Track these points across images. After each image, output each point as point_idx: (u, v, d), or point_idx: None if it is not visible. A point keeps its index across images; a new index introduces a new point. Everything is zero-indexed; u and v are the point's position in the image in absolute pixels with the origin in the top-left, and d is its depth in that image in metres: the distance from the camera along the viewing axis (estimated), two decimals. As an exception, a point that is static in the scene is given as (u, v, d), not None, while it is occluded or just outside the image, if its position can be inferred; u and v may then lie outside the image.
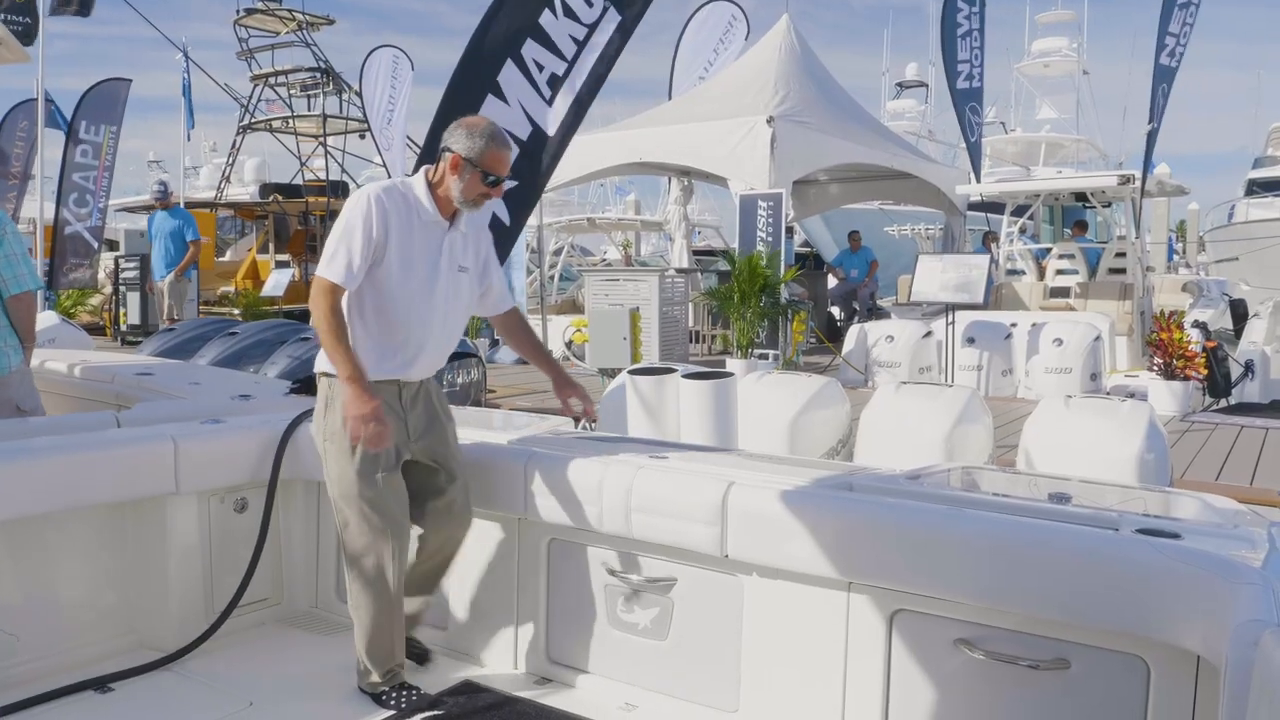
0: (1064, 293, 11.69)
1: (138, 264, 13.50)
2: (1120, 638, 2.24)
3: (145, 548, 3.28)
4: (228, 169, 22.88)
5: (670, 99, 15.46)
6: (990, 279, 10.09)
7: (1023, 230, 13.44)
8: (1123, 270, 11.65)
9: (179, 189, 21.27)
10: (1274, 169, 25.13)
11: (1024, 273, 12.69)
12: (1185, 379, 8.40)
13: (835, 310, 15.49)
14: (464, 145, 2.81)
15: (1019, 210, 13.28)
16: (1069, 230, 13.33)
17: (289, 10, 21.00)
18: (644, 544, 2.89)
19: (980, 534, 2.36)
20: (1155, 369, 8.59)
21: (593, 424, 3.35)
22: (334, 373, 2.79)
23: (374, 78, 17.78)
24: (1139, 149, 12.73)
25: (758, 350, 10.12)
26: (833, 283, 15.52)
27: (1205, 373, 8.66)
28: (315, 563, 3.66)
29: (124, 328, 13.67)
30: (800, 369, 9.36)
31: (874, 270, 14.75)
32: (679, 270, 12.98)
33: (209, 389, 4.51)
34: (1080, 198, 13.20)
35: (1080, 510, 2.48)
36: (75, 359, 5.26)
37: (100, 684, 2.94)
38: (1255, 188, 25.39)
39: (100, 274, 15.50)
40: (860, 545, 2.51)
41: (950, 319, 9.45)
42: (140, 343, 9.43)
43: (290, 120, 21.19)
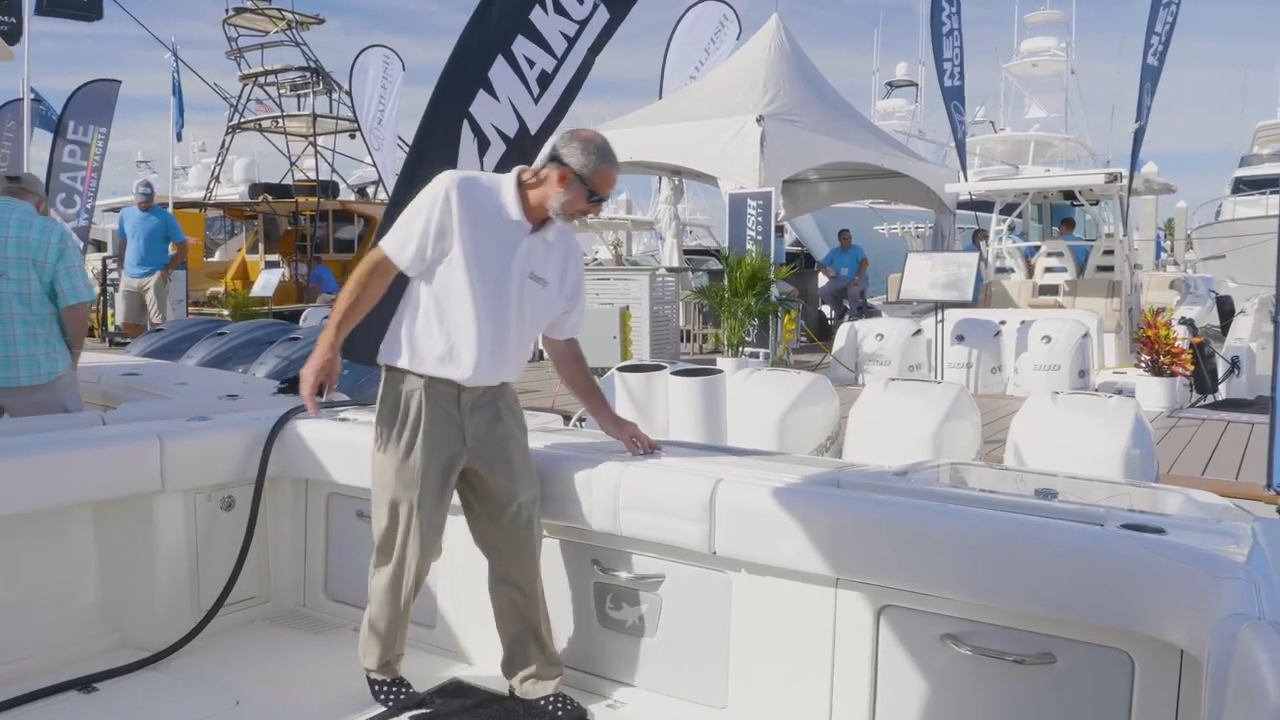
0: (1052, 290, 11.74)
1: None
2: (1105, 632, 2.25)
3: (131, 546, 3.27)
4: (217, 169, 22.80)
5: (661, 98, 15.46)
6: (980, 277, 10.12)
7: (1011, 228, 13.49)
8: (1111, 268, 11.70)
9: (168, 189, 21.19)
10: (1260, 167, 25.24)
11: (1013, 271, 12.73)
12: (1172, 375, 8.45)
13: (826, 309, 15.51)
14: (579, 161, 2.70)
15: (1008, 209, 13.34)
16: (1057, 228, 13.38)
17: (278, 9, 20.96)
18: (632, 541, 2.89)
19: (967, 530, 2.37)
20: (1143, 366, 8.63)
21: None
22: (395, 364, 2.75)
23: (364, 78, 17.78)
24: (1127, 148, 12.81)
25: (748, 348, 10.13)
26: (823, 281, 15.55)
27: (1192, 369, 8.71)
28: (303, 561, 3.65)
29: (111, 329, 13.61)
30: (791, 367, 9.38)
31: (864, 269, 14.78)
32: (670, 269, 12.99)
33: (196, 389, 4.50)
34: (1068, 196, 13.26)
35: (1066, 506, 2.49)
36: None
37: (84, 684, 2.93)
38: (1242, 186, 25.53)
39: (88, 275, 15.43)
40: (848, 541, 2.52)
41: (940, 317, 9.48)
42: (127, 343, 9.38)
43: (280, 120, 21.15)
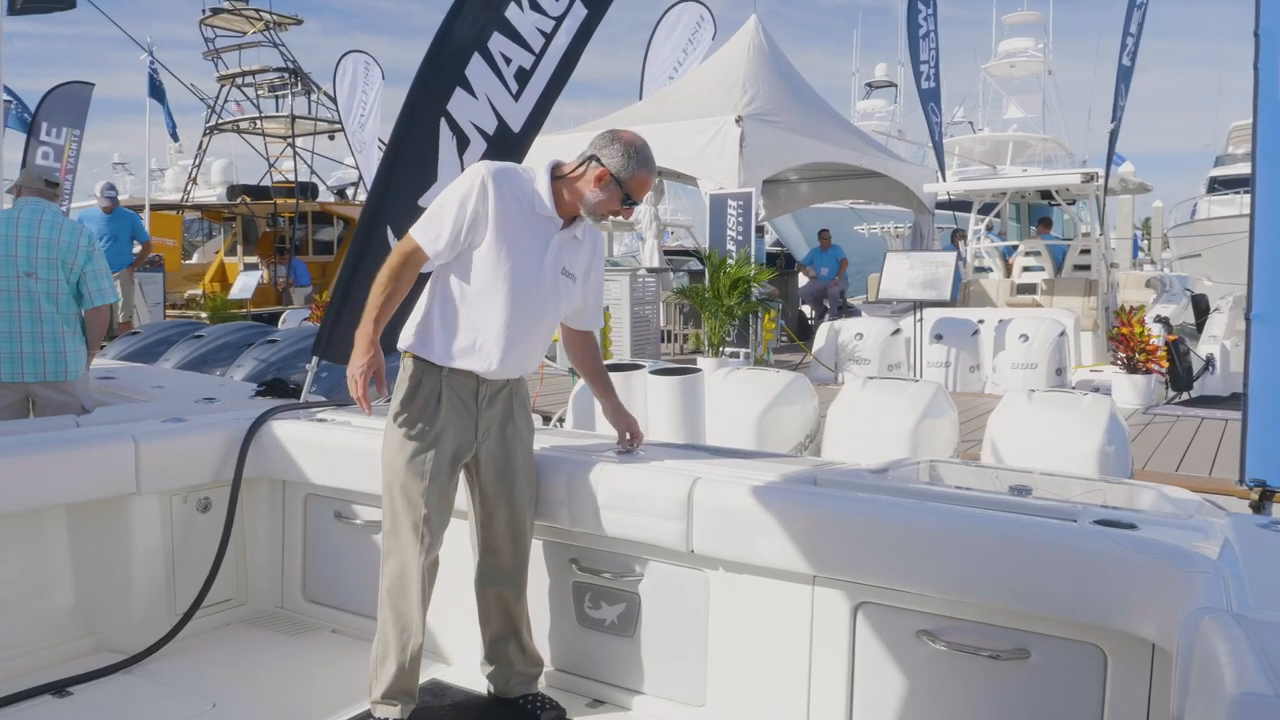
0: (1030, 289, 11.83)
1: None
2: (1078, 627, 2.27)
3: (106, 549, 3.24)
4: (194, 170, 22.65)
5: (641, 99, 15.47)
6: (958, 276, 10.19)
7: (990, 228, 13.58)
8: (1088, 267, 11.80)
9: (144, 191, 21.02)
10: (1235, 167, 25.51)
11: (991, 270, 12.82)
12: (1148, 373, 8.53)
13: (806, 308, 15.57)
14: (618, 163, 2.68)
15: (986, 208, 13.42)
16: (1035, 228, 13.49)
17: (256, 10, 20.85)
18: (611, 540, 2.90)
19: (942, 527, 2.39)
20: (1119, 363, 8.71)
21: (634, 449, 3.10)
22: (416, 353, 2.72)
23: (346, 82, 17.81)
24: (1104, 148, 12.92)
25: (729, 348, 10.15)
26: (803, 281, 15.60)
27: (1167, 366, 8.80)
28: (280, 562, 3.63)
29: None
30: (771, 367, 9.41)
31: (844, 268, 14.84)
32: (650, 270, 13.00)
33: (172, 392, 4.46)
34: (1046, 196, 13.36)
35: (1040, 503, 2.52)
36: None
37: (58, 688, 2.90)
38: (1217, 185, 25.80)
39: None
40: (825, 539, 2.53)
41: (918, 316, 9.54)
42: (104, 346, 9.28)
43: (258, 121, 21.02)
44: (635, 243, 21.25)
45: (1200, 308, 14.63)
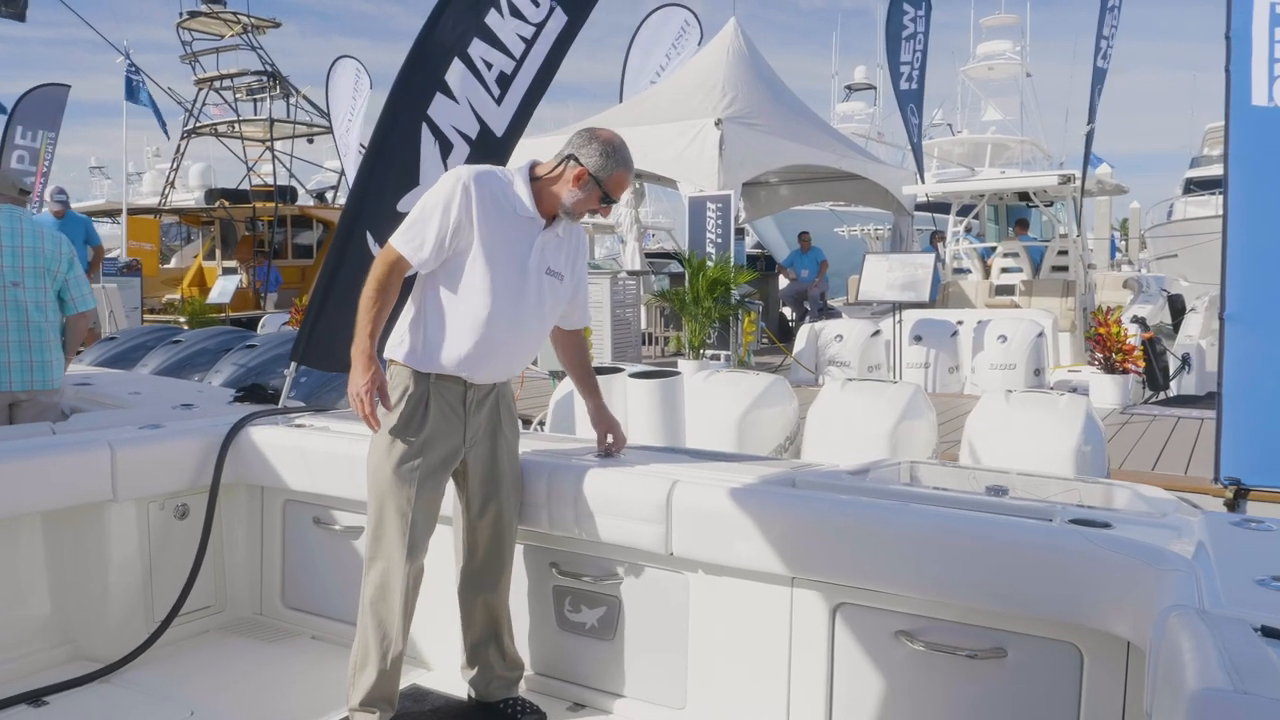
0: (1009, 290, 11.91)
1: None
2: (1054, 626, 2.29)
3: (82, 556, 3.22)
4: (172, 174, 22.50)
5: (621, 102, 15.49)
6: (937, 277, 10.26)
7: (968, 229, 13.67)
8: (1066, 268, 11.90)
9: (122, 195, 20.85)
10: (1210, 168, 25.79)
11: (970, 271, 12.90)
12: (1125, 372, 8.61)
13: (786, 310, 15.61)
14: (596, 162, 2.67)
15: (964, 210, 13.51)
16: (1013, 229, 13.59)
17: (234, 13, 20.74)
18: (590, 543, 2.90)
19: (919, 528, 2.40)
20: (1096, 363, 8.79)
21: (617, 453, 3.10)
22: (402, 360, 2.71)
23: (339, 86, 17.85)
24: (1081, 149, 13.03)
25: (709, 351, 10.17)
26: (784, 283, 15.64)
27: (1144, 366, 8.88)
28: (259, 569, 3.61)
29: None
30: (752, 369, 9.43)
31: (824, 270, 14.89)
32: (631, 272, 13.01)
33: (150, 398, 4.42)
34: (1023, 197, 13.47)
35: (1016, 502, 2.54)
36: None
37: (34, 698, 2.87)
38: (1193, 186, 26.09)
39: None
40: (803, 541, 2.54)
41: (897, 317, 9.59)
42: (79, 351, 9.18)
43: (236, 124, 20.91)
44: (616, 245, 21.27)
45: (1176, 308, 14.80)
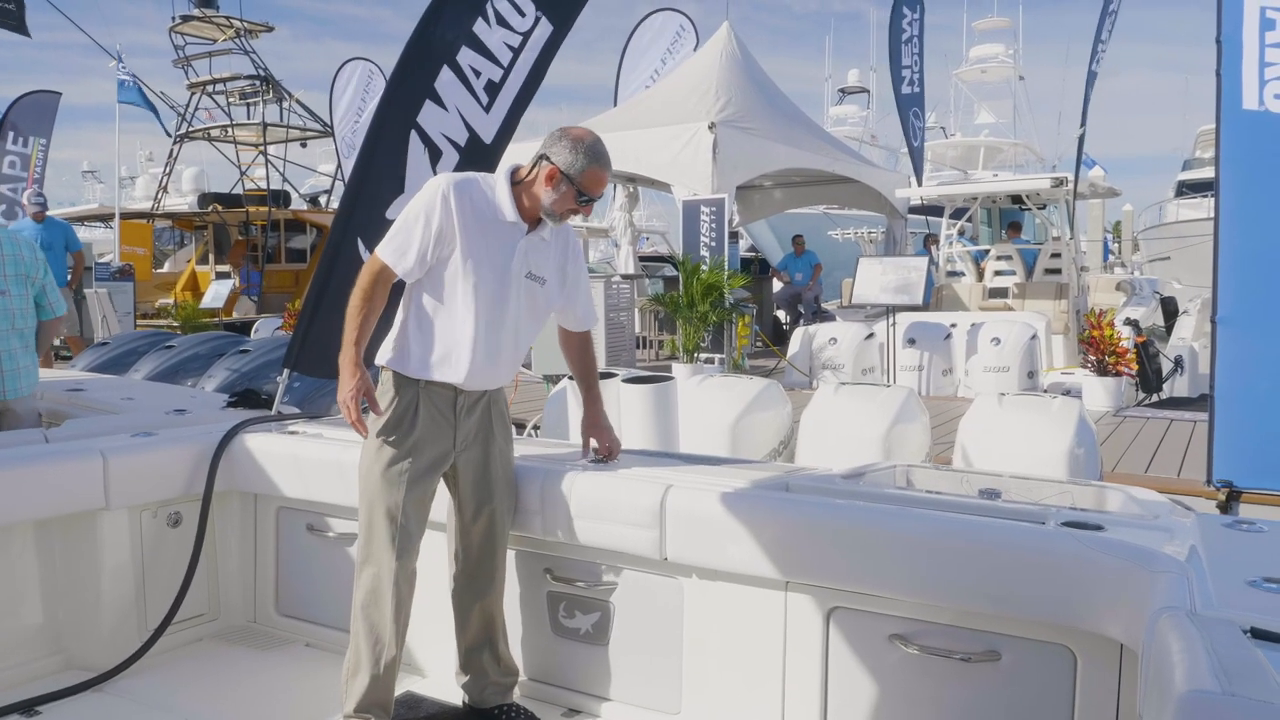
0: (1002, 293, 11.94)
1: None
2: (1048, 628, 2.29)
3: (75, 565, 3.20)
4: (165, 179, 22.43)
5: (616, 105, 15.49)
6: (930, 280, 10.28)
7: (961, 232, 13.69)
8: (1058, 270, 11.93)
9: (115, 199, 20.81)
10: (1202, 170, 25.92)
11: (963, 274, 12.92)
12: (1117, 375, 8.63)
13: (780, 313, 15.63)
14: (565, 159, 2.64)
15: (957, 213, 13.53)
16: (1005, 232, 13.63)
17: (226, 17, 20.70)
18: (584, 549, 2.90)
19: (913, 531, 2.40)
20: (1089, 366, 8.81)
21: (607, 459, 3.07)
22: (392, 367, 2.71)
23: (345, 87, 17.93)
24: (1074, 152, 13.05)
25: (704, 355, 10.17)
26: (778, 286, 15.65)
27: (1137, 369, 8.90)
28: (252, 577, 3.60)
29: (56, 341, 13.31)
30: (746, 372, 9.43)
31: (818, 273, 14.91)
32: (625, 276, 13.02)
33: (143, 404, 4.41)
34: (1016, 200, 13.50)
35: (1009, 505, 2.54)
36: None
37: (27, 707, 2.86)
38: (1185, 189, 26.21)
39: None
40: (797, 545, 2.54)
41: (891, 320, 9.60)
42: (71, 358, 9.16)
43: (229, 129, 20.86)
44: (610, 249, 21.28)
45: (1169, 310, 14.83)
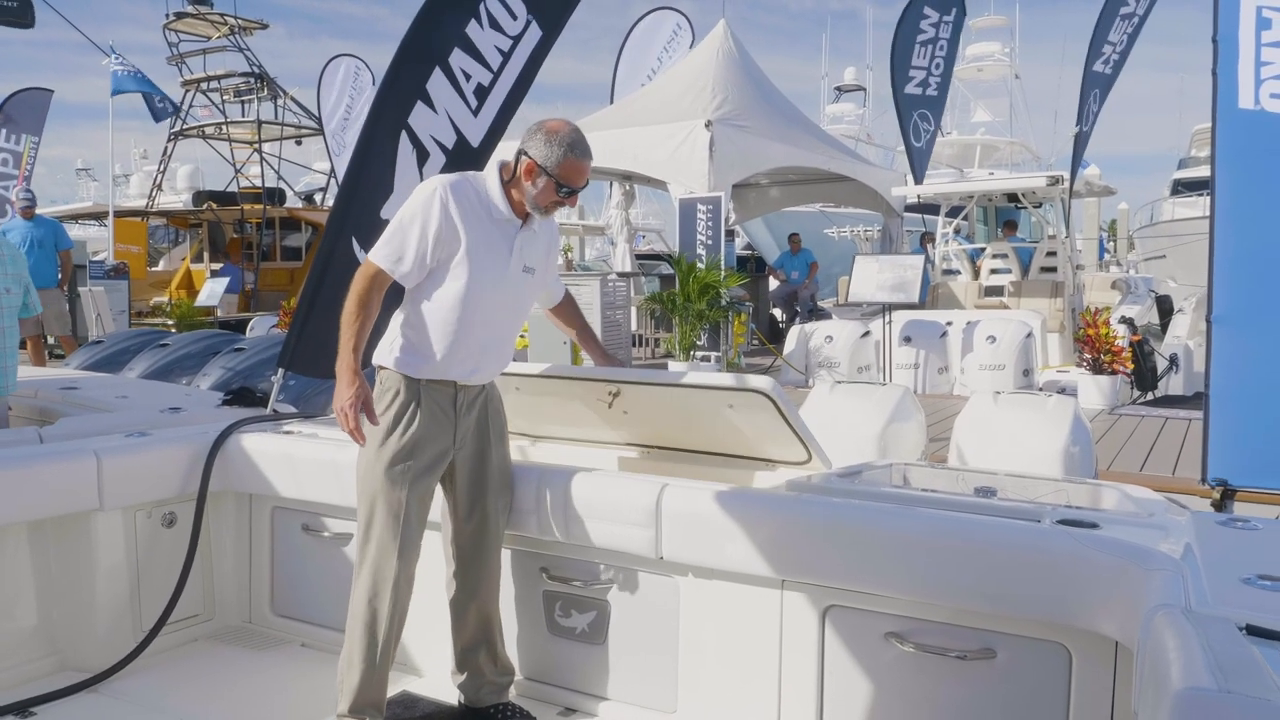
0: (998, 291, 11.95)
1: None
2: (1043, 626, 2.30)
3: (69, 566, 3.20)
4: (159, 176, 22.41)
5: (612, 104, 15.49)
6: (926, 278, 10.29)
7: (957, 231, 13.70)
8: (1054, 269, 11.95)
9: (109, 197, 20.76)
10: (1197, 169, 25.97)
11: (959, 272, 12.93)
12: (1113, 373, 8.64)
13: (777, 312, 15.64)
14: (541, 152, 2.64)
15: (953, 211, 13.54)
16: (1001, 230, 13.64)
17: (220, 14, 20.65)
18: (580, 548, 2.89)
19: (908, 529, 2.41)
20: (1084, 364, 8.82)
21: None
22: (391, 366, 2.71)
23: (333, 84, 17.86)
24: (1069, 151, 13.04)
25: (700, 352, 10.18)
26: (774, 284, 15.66)
27: (1132, 367, 8.92)
28: (248, 577, 3.59)
29: (50, 340, 13.29)
30: (742, 370, 9.44)
31: (814, 272, 14.92)
32: (621, 274, 13.01)
33: (137, 402, 4.40)
34: (1012, 198, 13.51)
35: (1004, 504, 2.55)
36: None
37: (21, 708, 2.85)
38: (1180, 187, 26.26)
39: None
40: (793, 543, 2.54)
41: (887, 318, 9.61)
42: (65, 357, 9.13)
43: (224, 126, 20.82)
44: (607, 247, 21.27)
45: (1164, 308, 14.87)
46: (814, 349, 10.04)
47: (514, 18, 3.90)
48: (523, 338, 10.56)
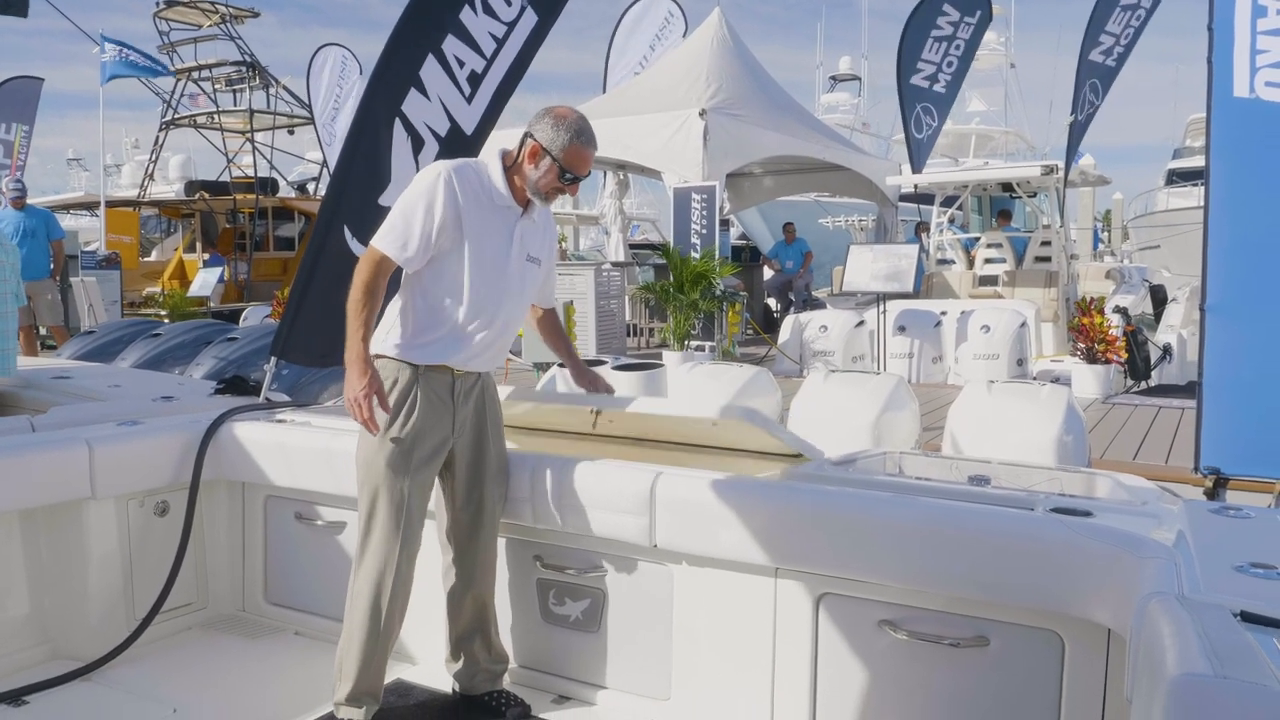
0: (992, 281, 11.96)
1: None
2: (1036, 614, 2.30)
3: (61, 555, 3.19)
4: (151, 166, 22.28)
5: (605, 93, 15.44)
6: (921, 268, 10.29)
7: (952, 220, 13.70)
8: (1048, 258, 11.95)
9: (100, 187, 20.67)
10: (1192, 159, 26.03)
11: (954, 262, 12.94)
12: (1106, 362, 8.66)
13: (771, 301, 15.65)
14: (547, 136, 2.65)
15: (948, 201, 13.54)
16: (995, 220, 13.64)
17: (212, 2, 20.50)
18: (574, 536, 2.89)
19: (902, 518, 2.41)
20: (1078, 354, 8.84)
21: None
22: (390, 353, 2.69)
23: (321, 74, 17.76)
24: (1065, 140, 13.03)
25: (694, 342, 10.17)
26: (769, 274, 15.66)
27: (1126, 356, 8.94)
28: (240, 565, 3.59)
29: (42, 330, 13.25)
30: (736, 360, 9.43)
31: (809, 261, 14.92)
32: (615, 264, 12.99)
33: (130, 391, 4.38)
34: (1007, 188, 13.50)
35: (997, 492, 2.55)
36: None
37: (14, 697, 2.85)
38: (1175, 178, 26.31)
39: None
40: (787, 531, 2.54)
41: (881, 308, 9.61)
42: (56, 348, 9.09)
43: (216, 116, 20.71)
44: (601, 237, 21.25)
45: (1158, 298, 14.91)
46: (808, 339, 10.04)
47: (509, 3, 3.87)
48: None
